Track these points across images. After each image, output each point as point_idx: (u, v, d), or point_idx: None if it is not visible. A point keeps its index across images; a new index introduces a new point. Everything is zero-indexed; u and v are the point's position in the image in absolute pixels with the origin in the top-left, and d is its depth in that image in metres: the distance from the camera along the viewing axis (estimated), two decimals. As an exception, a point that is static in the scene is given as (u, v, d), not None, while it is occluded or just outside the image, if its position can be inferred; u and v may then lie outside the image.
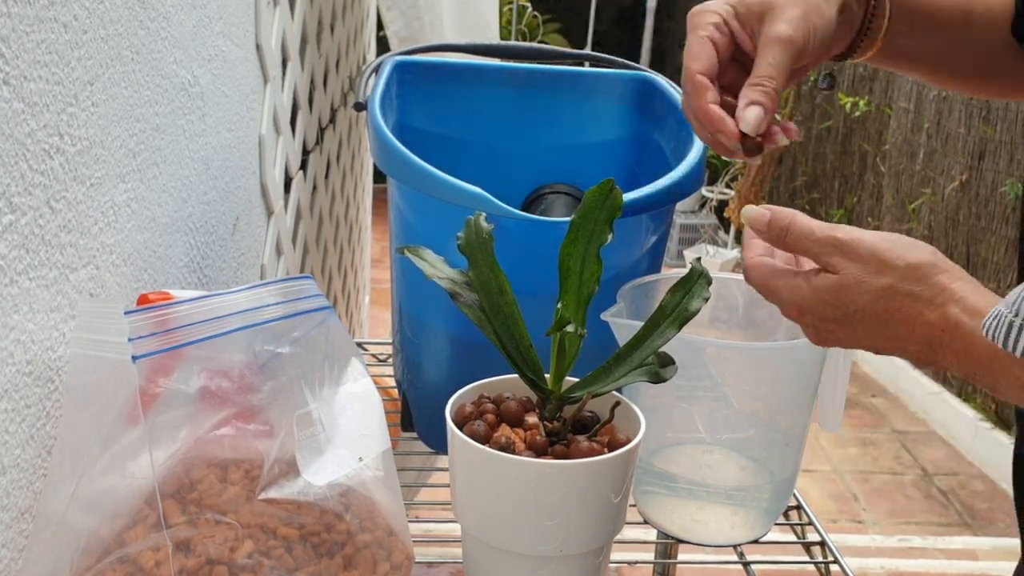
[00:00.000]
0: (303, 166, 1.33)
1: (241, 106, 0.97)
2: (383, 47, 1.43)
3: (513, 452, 0.57)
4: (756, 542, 0.75)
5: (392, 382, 1.00)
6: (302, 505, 0.55)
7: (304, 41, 1.32)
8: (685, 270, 0.61)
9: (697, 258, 0.65)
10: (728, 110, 0.62)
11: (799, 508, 0.82)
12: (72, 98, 0.56)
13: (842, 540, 2.29)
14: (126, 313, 0.53)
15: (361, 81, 0.94)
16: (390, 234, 0.90)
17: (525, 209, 0.96)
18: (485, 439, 0.59)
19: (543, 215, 0.93)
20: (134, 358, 0.51)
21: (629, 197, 0.72)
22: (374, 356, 1.12)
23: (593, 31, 4.51)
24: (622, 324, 0.66)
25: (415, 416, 0.91)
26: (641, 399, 0.70)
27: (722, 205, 4.03)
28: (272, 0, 1.09)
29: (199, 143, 0.82)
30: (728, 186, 3.92)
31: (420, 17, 1.72)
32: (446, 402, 0.62)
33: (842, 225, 0.57)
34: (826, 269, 0.56)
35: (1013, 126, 2.71)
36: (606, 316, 0.67)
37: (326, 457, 0.57)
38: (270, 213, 1.12)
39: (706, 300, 0.59)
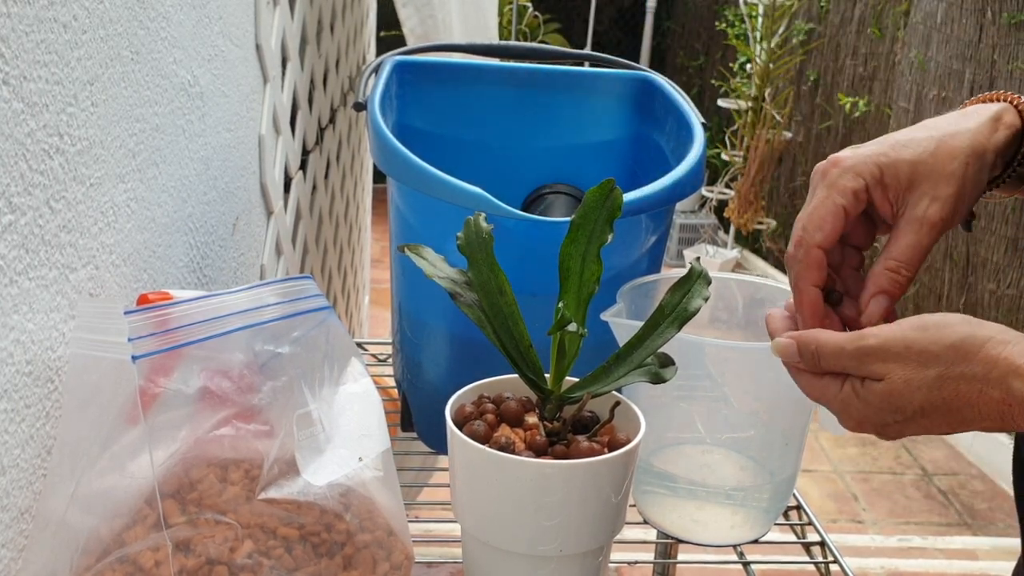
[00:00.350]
0: (303, 166, 1.33)
1: (241, 106, 0.97)
2: (383, 47, 1.44)
3: (513, 452, 0.57)
4: (756, 542, 0.75)
5: (392, 382, 1.00)
6: (302, 505, 0.55)
7: (304, 41, 1.32)
8: (685, 270, 0.61)
9: (696, 258, 0.64)
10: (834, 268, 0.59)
11: (799, 508, 0.82)
12: (72, 98, 0.56)
13: (842, 540, 2.29)
14: (126, 313, 0.53)
15: (361, 81, 0.94)
16: (390, 234, 0.90)
17: (525, 209, 0.96)
18: (485, 439, 0.59)
19: (543, 215, 0.93)
20: (134, 358, 0.51)
21: (629, 197, 0.72)
22: (374, 356, 1.12)
23: (593, 31, 4.51)
24: (622, 324, 0.66)
25: (415, 416, 0.91)
26: (641, 399, 0.70)
27: (722, 205, 4.03)
28: (272, 0, 1.09)
29: (199, 143, 0.82)
30: (728, 186, 3.92)
31: (434, 15, 1.74)
32: (446, 402, 0.62)
33: (867, 330, 0.55)
34: (870, 377, 0.54)
35: (1013, 126, 2.71)
36: (606, 316, 0.67)
37: (326, 457, 0.57)
38: (270, 213, 1.12)
39: (706, 300, 0.59)
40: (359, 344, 1.11)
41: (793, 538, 0.81)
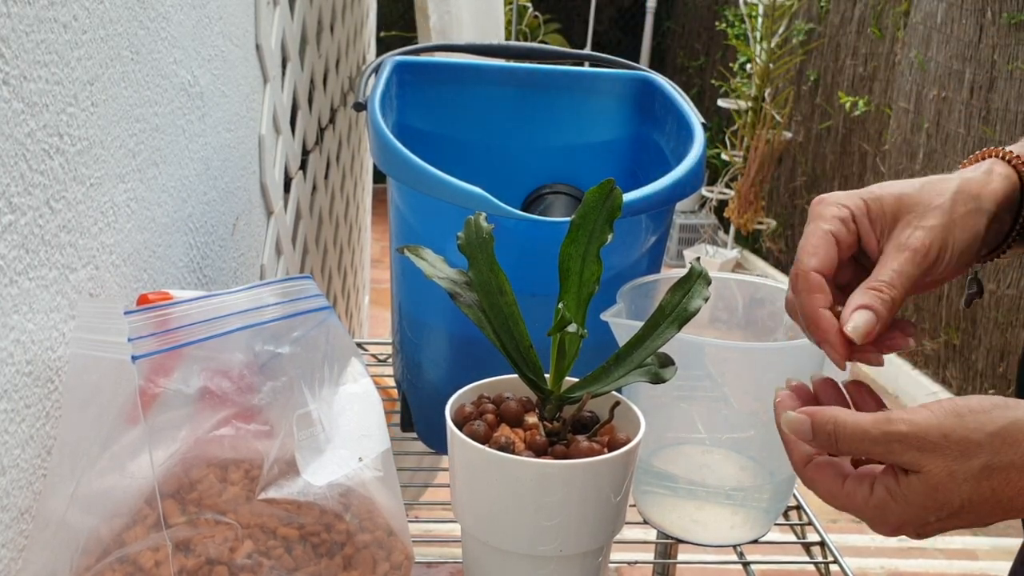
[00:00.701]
0: (303, 166, 1.33)
1: (241, 106, 0.97)
2: (383, 47, 1.44)
3: (513, 452, 0.57)
4: (756, 542, 0.75)
5: (392, 382, 1.00)
6: (302, 505, 0.55)
7: (304, 41, 1.32)
8: (685, 270, 0.61)
9: (696, 258, 0.64)
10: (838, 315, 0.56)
11: (799, 508, 0.82)
12: (72, 98, 0.56)
13: (842, 540, 2.29)
14: (126, 313, 0.53)
15: (361, 81, 0.94)
16: (390, 234, 0.90)
17: (525, 209, 0.96)
18: (485, 439, 0.59)
19: (543, 215, 0.93)
20: (134, 358, 0.51)
21: (629, 197, 0.72)
22: (374, 356, 1.12)
23: (593, 31, 4.51)
24: (622, 324, 0.66)
25: (415, 416, 0.91)
26: (641, 399, 0.70)
27: (722, 205, 4.03)
28: (272, 0, 1.09)
29: (199, 143, 0.82)
30: (728, 186, 3.92)
31: (450, 12, 1.75)
32: (446, 402, 0.62)
33: (892, 412, 0.51)
34: (903, 469, 0.50)
35: (1013, 126, 2.71)
36: (606, 316, 0.67)
37: (326, 457, 0.57)
38: (270, 213, 1.12)
39: (706, 300, 0.59)
40: (359, 344, 1.11)
41: (793, 538, 0.81)
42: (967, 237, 0.57)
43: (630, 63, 1.06)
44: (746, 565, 0.76)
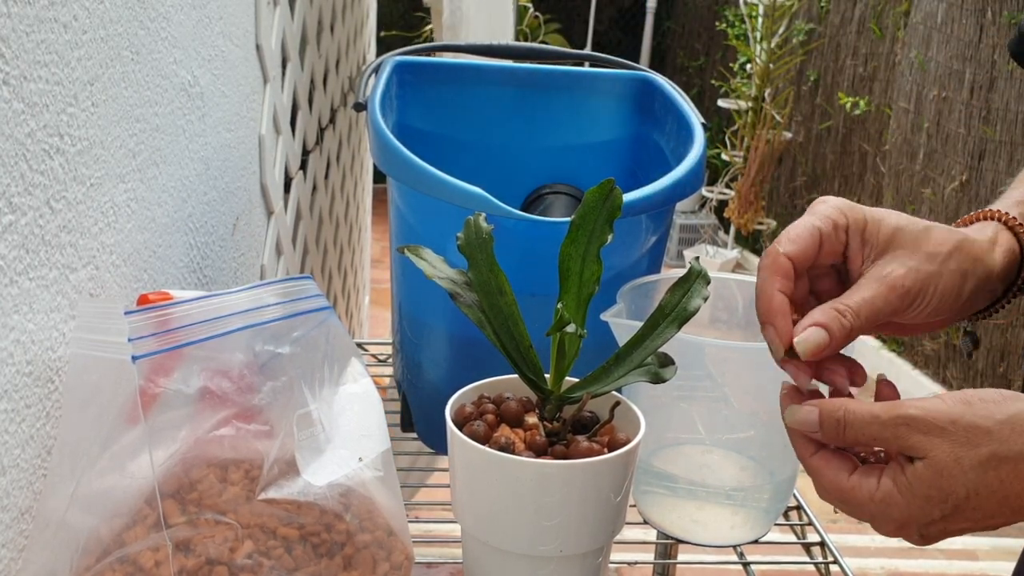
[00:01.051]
0: (303, 166, 1.33)
1: (241, 106, 0.97)
2: (383, 47, 1.44)
3: (513, 452, 0.57)
4: (756, 542, 0.75)
5: (392, 382, 1.00)
6: (302, 505, 0.55)
7: (304, 41, 1.32)
8: (685, 270, 0.61)
9: (696, 258, 0.64)
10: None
11: (799, 508, 0.82)
12: (72, 98, 0.56)
13: (842, 540, 2.29)
14: (126, 313, 0.53)
15: (361, 81, 0.94)
16: (390, 234, 0.90)
17: (525, 209, 0.96)
18: (485, 439, 0.59)
19: (543, 215, 0.93)
20: (134, 358, 0.51)
21: (629, 197, 0.72)
22: (374, 356, 1.12)
23: (593, 31, 4.51)
24: (622, 324, 0.66)
25: (415, 416, 0.91)
26: (641, 399, 0.70)
27: (722, 205, 4.02)
28: (272, 0, 1.09)
29: (199, 143, 0.82)
30: (728, 186, 3.92)
31: (460, 8, 1.76)
32: (446, 402, 0.62)
33: (905, 400, 0.51)
34: (908, 455, 0.49)
35: (1013, 126, 2.71)
36: (606, 316, 0.67)
37: (326, 457, 0.57)
38: (270, 213, 1.12)
39: (705, 300, 0.59)
40: (359, 344, 1.11)
41: (793, 538, 0.81)
42: (949, 293, 0.55)
43: (630, 63, 1.06)
44: (746, 565, 0.76)
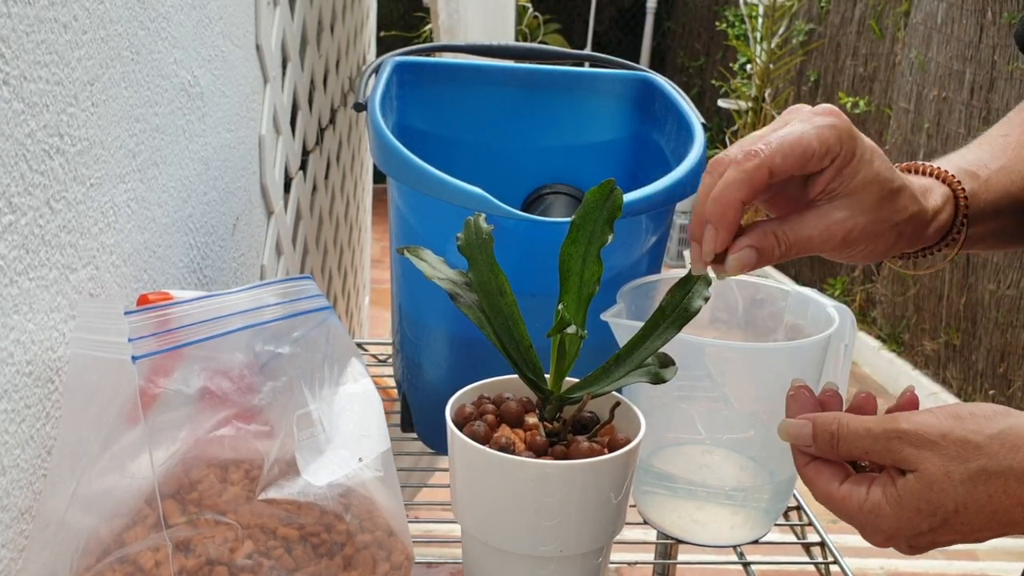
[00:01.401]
0: (303, 166, 1.33)
1: (241, 106, 0.97)
2: (383, 47, 1.44)
3: (513, 453, 0.57)
4: (756, 543, 0.75)
5: (392, 382, 1.00)
6: (302, 505, 0.55)
7: (304, 41, 1.32)
8: (685, 270, 0.61)
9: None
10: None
11: (799, 508, 0.82)
12: (72, 98, 0.56)
13: (842, 540, 2.28)
14: (126, 313, 0.53)
15: (361, 81, 0.94)
16: (390, 234, 0.90)
17: (525, 209, 0.96)
18: (485, 440, 0.59)
19: (543, 215, 0.93)
20: (134, 358, 0.51)
21: (629, 197, 0.72)
22: (374, 356, 1.12)
23: (593, 31, 4.51)
24: (622, 324, 0.66)
25: (415, 416, 0.91)
26: (641, 399, 0.70)
27: (722, 205, 4.02)
28: (272, 0, 1.09)
29: (199, 143, 0.82)
30: (728, 186, 3.91)
31: (458, 10, 1.76)
32: (446, 403, 0.62)
33: (897, 414, 0.51)
34: (899, 468, 0.50)
35: (1013, 126, 2.71)
36: (606, 316, 0.67)
37: (326, 457, 0.57)
38: (270, 213, 1.12)
39: (706, 300, 0.59)
40: (359, 344, 1.11)
41: (793, 538, 0.81)
42: (881, 251, 0.57)
43: (630, 63, 1.06)
44: (746, 565, 0.76)
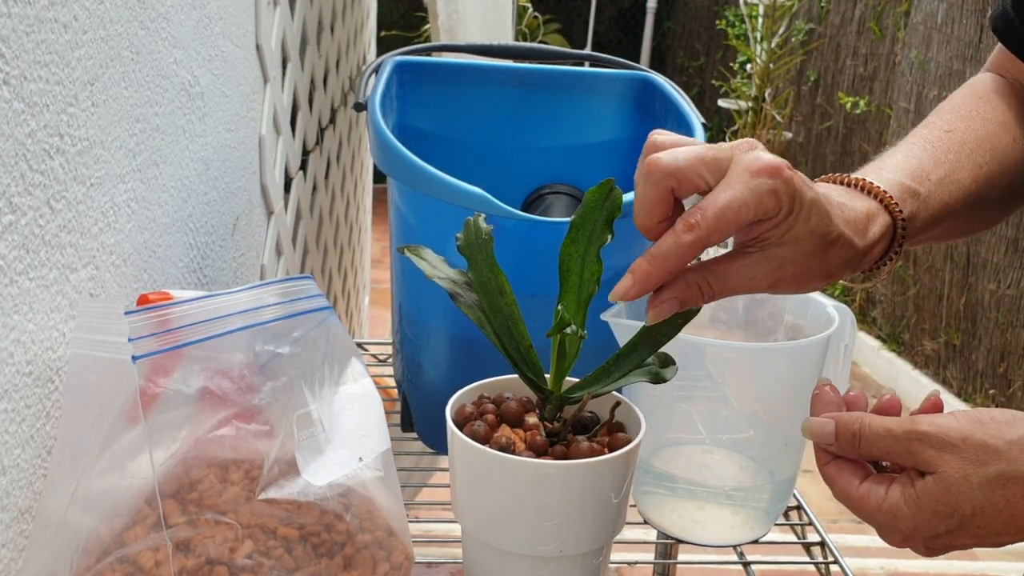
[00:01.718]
0: (303, 166, 1.33)
1: (241, 106, 0.97)
2: (383, 47, 1.44)
3: (513, 452, 0.57)
4: (756, 542, 0.75)
5: (392, 382, 1.00)
6: (302, 505, 0.55)
7: (304, 41, 1.32)
8: (685, 270, 0.61)
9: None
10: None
11: (799, 508, 0.82)
12: (72, 98, 0.56)
13: (842, 540, 2.29)
14: (126, 313, 0.53)
15: (361, 81, 0.94)
16: (390, 234, 0.90)
17: (525, 209, 0.96)
18: (485, 439, 0.59)
19: (543, 215, 0.93)
20: (134, 358, 0.51)
21: (629, 197, 0.72)
22: (374, 356, 1.12)
23: (593, 31, 4.51)
24: (622, 324, 0.66)
25: (415, 416, 0.91)
26: (641, 399, 0.70)
27: (722, 205, 4.02)
28: (272, 0, 1.09)
29: (199, 143, 0.82)
30: (728, 186, 3.91)
31: (458, 11, 1.76)
32: (446, 402, 0.62)
33: (919, 416, 0.52)
34: (919, 469, 0.51)
35: (1013, 126, 2.71)
36: (606, 316, 0.67)
37: (326, 457, 0.57)
38: (270, 213, 1.12)
39: (706, 300, 0.59)
40: (359, 344, 1.11)
41: (793, 538, 0.81)
42: (808, 285, 0.56)
43: (630, 63, 1.06)
44: (746, 565, 0.76)
